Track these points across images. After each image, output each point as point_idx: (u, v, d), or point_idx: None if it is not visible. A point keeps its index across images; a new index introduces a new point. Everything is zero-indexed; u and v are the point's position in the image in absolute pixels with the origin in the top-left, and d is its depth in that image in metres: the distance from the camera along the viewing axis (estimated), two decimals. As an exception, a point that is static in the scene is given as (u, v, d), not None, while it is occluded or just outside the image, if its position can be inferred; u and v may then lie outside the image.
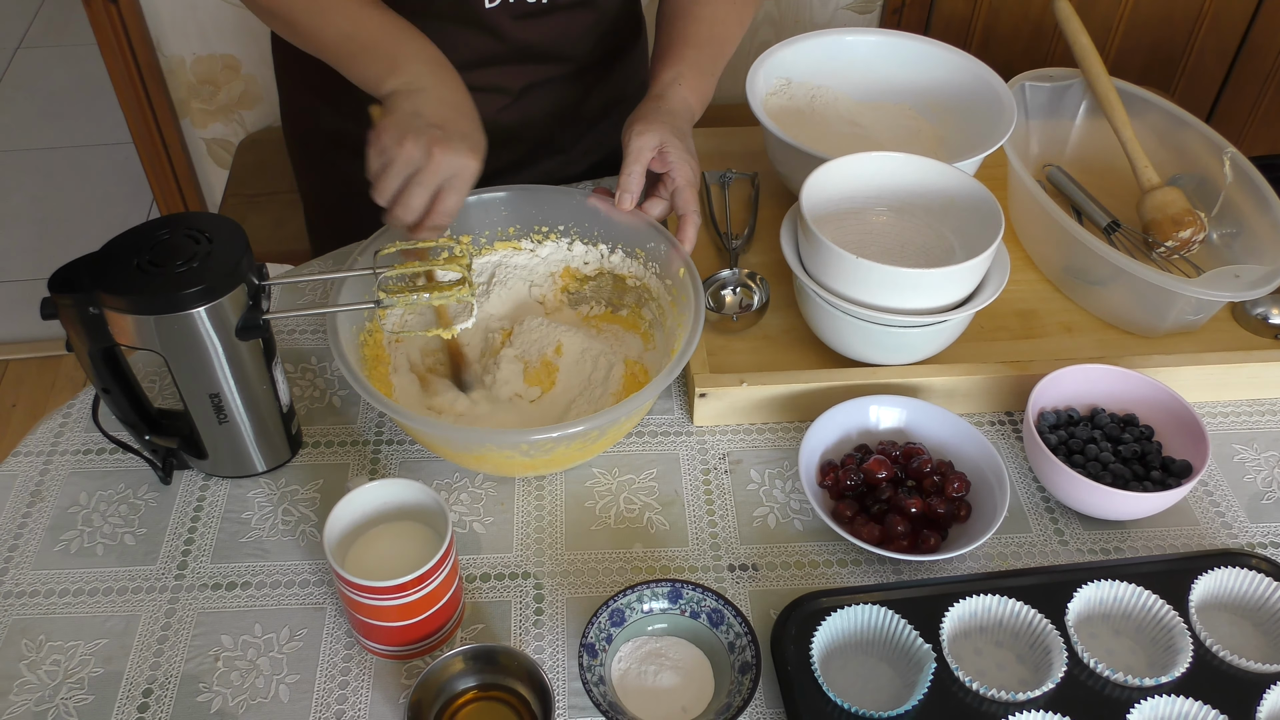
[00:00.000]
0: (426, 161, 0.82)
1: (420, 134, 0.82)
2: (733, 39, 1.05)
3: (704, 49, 1.02)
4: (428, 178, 0.82)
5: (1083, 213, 1.14)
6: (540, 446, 0.82)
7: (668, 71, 0.99)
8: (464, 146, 0.83)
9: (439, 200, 0.84)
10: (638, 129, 0.93)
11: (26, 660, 0.79)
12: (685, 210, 0.93)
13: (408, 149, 0.81)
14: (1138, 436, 0.90)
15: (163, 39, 1.81)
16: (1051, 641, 0.77)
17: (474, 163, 0.84)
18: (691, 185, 0.93)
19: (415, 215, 0.84)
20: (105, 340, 0.81)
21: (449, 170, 0.83)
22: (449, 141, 0.82)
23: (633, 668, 0.77)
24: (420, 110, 0.84)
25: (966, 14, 1.93)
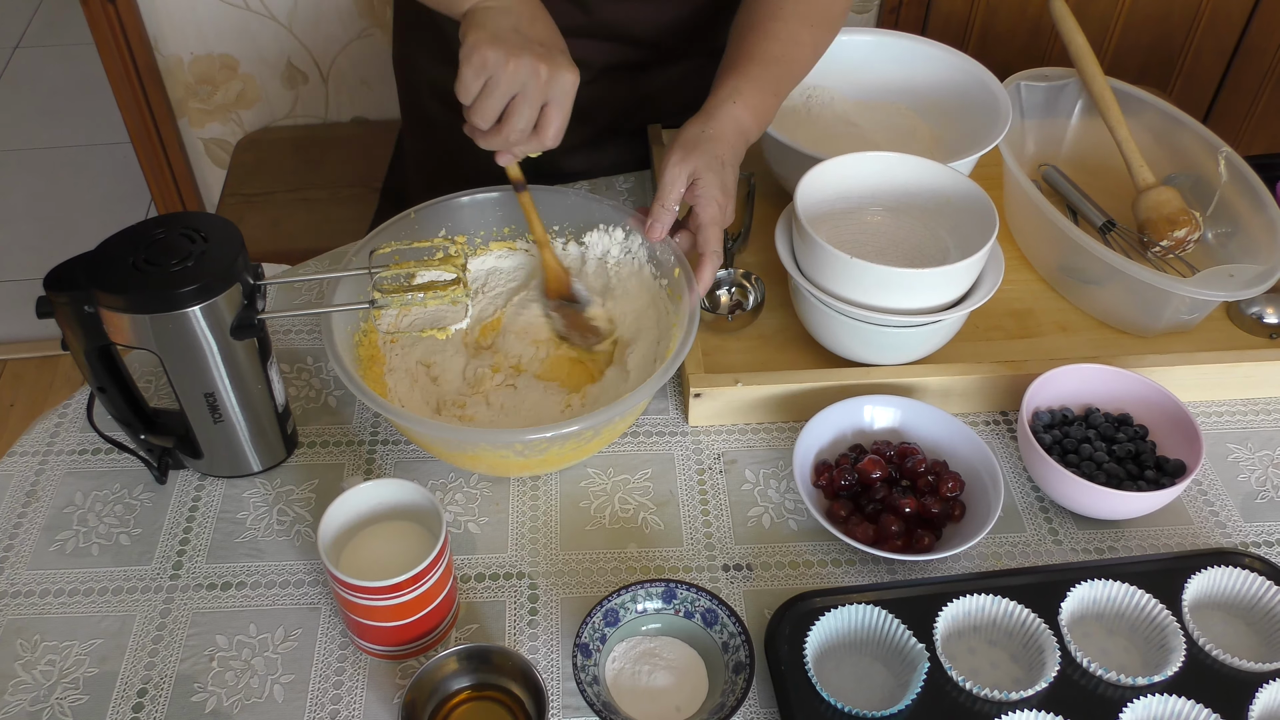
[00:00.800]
0: (534, 80, 0.80)
1: (524, 51, 0.79)
2: (804, 61, 1.01)
3: (770, 67, 0.97)
4: (535, 96, 0.80)
5: (1078, 212, 1.14)
6: (534, 446, 0.82)
7: (726, 85, 0.95)
8: (564, 61, 0.82)
9: (545, 119, 0.82)
10: (675, 157, 0.90)
11: (21, 660, 0.79)
12: (704, 249, 0.90)
13: (513, 68, 0.79)
14: (1132, 436, 0.90)
15: (160, 38, 1.81)
16: (1045, 641, 0.77)
17: (574, 77, 0.82)
18: (715, 223, 0.90)
19: (521, 136, 0.82)
20: (101, 339, 0.81)
21: (554, 87, 0.81)
22: (552, 57, 0.81)
23: (627, 667, 0.77)
24: (518, 26, 0.82)
25: (964, 13, 1.93)
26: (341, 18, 1.83)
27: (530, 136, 0.83)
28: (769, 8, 1.00)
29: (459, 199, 0.98)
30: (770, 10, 1.00)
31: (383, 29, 1.87)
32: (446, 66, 1.15)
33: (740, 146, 0.95)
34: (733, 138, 0.93)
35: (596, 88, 1.15)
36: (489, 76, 0.80)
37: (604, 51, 1.13)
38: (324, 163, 1.86)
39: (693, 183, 0.90)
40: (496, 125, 0.82)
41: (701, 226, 0.91)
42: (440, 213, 0.97)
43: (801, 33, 1.00)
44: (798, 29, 0.99)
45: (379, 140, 1.92)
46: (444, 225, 0.98)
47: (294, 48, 1.87)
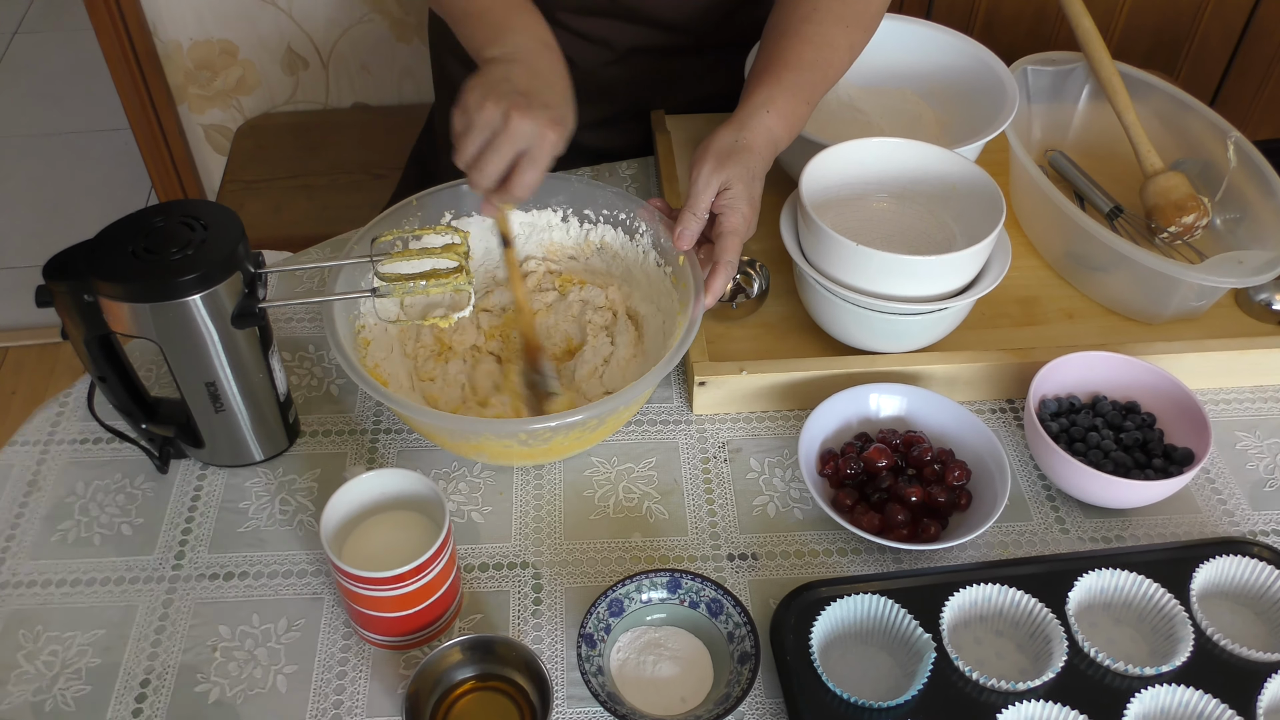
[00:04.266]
0: (504, 126, 0.80)
1: (502, 98, 0.80)
2: (839, 64, 0.99)
3: (804, 72, 0.95)
4: (504, 144, 0.81)
5: (1085, 198, 1.13)
6: (538, 435, 0.81)
7: (759, 93, 0.93)
8: (545, 116, 0.81)
9: (516, 171, 0.82)
10: (709, 166, 0.89)
11: (24, 651, 0.78)
12: (720, 258, 0.88)
13: (488, 111, 0.80)
14: (1139, 424, 0.90)
15: (159, 23, 1.80)
16: (1052, 630, 0.76)
17: (553, 134, 0.82)
18: (736, 234, 0.89)
19: (490, 181, 0.82)
20: (100, 328, 0.80)
21: (526, 138, 0.81)
22: (530, 109, 0.81)
23: (631, 658, 0.77)
24: (510, 76, 0.83)
25: (969, -4, 1.91)
26: (342, 3, 1.82)
27: (501, 187, 0.83)
28: (803, 9, 0.98)
29: (462, 185, 0.97)
30: (804, 12, 0.98)
31: (383, 14, 1.86)
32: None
33: (770, 157, 0.93)
34: (764, 148, 0.92)
35: (619, 68, 1.16)
36: (467, 120, 0.81)
37: (628, 33, 1.13)
38: (325, 149, 1.85)
39: (722, 191, 0.89)
40: (472, 168, 0.83)
41: (722, 235, 0.89)
42: (443, 199, 0.97)
43: (837, 35, 0.98)
44: (832, 31, 0.98)
45: (380, 126, 1.91)
46: (447, 211, 0.97)
47: (294, 33, 1.85)
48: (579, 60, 1.16)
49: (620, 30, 1.13)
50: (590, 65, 1.16)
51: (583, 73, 1.15)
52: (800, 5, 0.98)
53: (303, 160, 1.83)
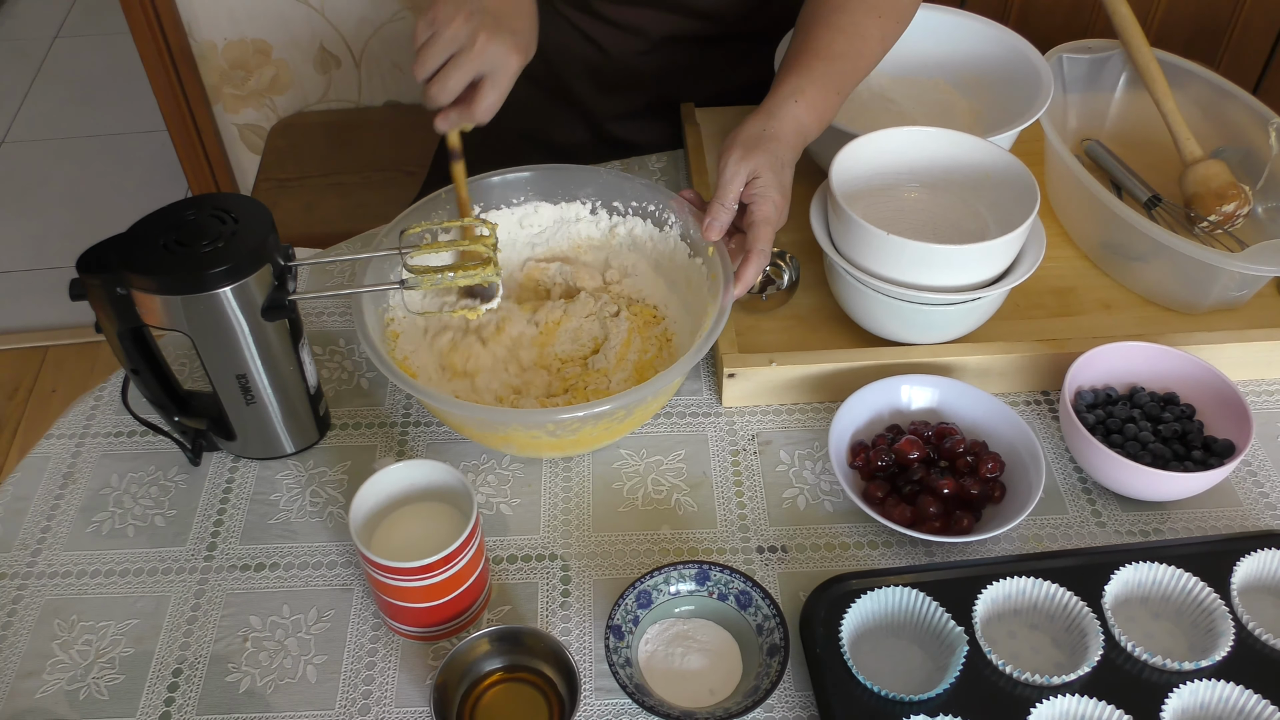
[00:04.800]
0: (469, 44, 0.81)
1: (472, 15, 0.81)
2: (871, 55, 0.97)
3: (835, 62, 0.94)
4: (468, 62, 0.81)
5: (1122, 187, 1.11)
6: (566, 426, 0.81)
7: (789, 83, 0.93)
8: (511, 41, 0.82)
9: (479, 92, 0.83)
10: (736, 154, 0.88)
11: (59, 640, 0.79)
12: (752, 247, 0.87)
13: (455, 26, 0.81)
14: (1178, 415, 0.88)
15: (194, 24, 1.82)
16: (1088, 624, 0.75)
17: (515, 58, 0.83)
18: (768, 222, 0.88)
19: (449, 97, 0.83)
20: (133, 320, 0.81)
21: (490, 60, 0.82)
22: (497, 32, 0.81)
23: (660, 650, 0.76)
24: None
25: (1004, -14, 1.88)
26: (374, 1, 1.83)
27: (463, 106, 0.84)
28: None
29: (490, 178, 0.97)
30: (837, 1, 0.97)
31: (414, 11, 1.86)
32: None
33: (799, 146, 0.92)
34: (793, 137, 0.91)
35: (653, 57, 1.16)
36: (434, 31, 0.81)
37: (662, 22, 1.13)
38: (357, 147, 1.86)
39: (751, 180, 0.88)
40: (431, 81, 0.83)
41: (754, 224, 0.88)
42: (472, 192, 0.97)
43: (869, 25, 0.96)
44: (864, 20, 0.96)
45: (411, 124, 1.91)
46: (476, 204, 0.97)
47: (327, 32, 1.87)
48: (613, 50, 1.16)
49: (655, 19, 1.13)
50: (624, 55, 1.16)
51: (616, 63, 1.16)
52: None
53: (335, 158, 1.84)
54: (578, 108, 1.22)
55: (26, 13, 3.24)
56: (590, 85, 1.20)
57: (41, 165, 2.69)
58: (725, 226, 0.89)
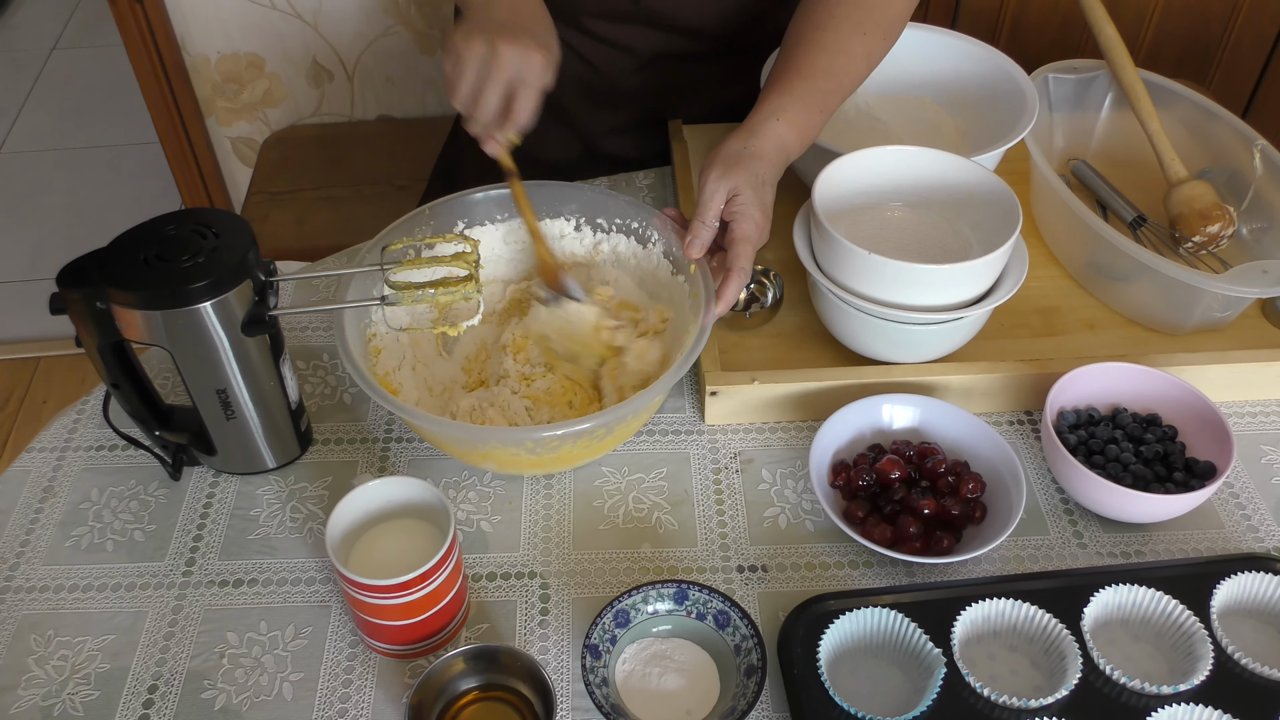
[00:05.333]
0: (492, 56, 0.82)
1: (485, 31, 0.83)
2: (856, 73, 0.97)
3: (818, 80, 0.94)
4: (497, 71, 0.83)
5: (1108, 207, 1.11)
6: (545, 444, 0.81)
7: (771, 102, 0.93)
8: (529, 41, 0.84)
9: (514, 100, 0.84)
10: (715, 172, 0.89)
11: (35, 655, 0.79)
12: (733, 265, 0.87)
13: (474, 47, 0.83)
14: (1160, 437, 0.88)
15: (187, 37, 1.82)
16: (1066, 647, 0.75)
17: (539, 55, 0.84)
18: (749, 240, 0.88)
19: (491, 113, 0.84)
20: (113, 335, 0.81)
21: (515, 64, 0.83)
22: (514, 36, 0.83)
23: (637, 669, 0.76)
24: (490, 14, 0.86)
25: (994, 6, 1.89)
26: (367, 16, 1.83)
27: (504, 119, 0.85)
28: (820, 16, 0.97)
29: (473, 194, 0.97)
30: (821, 19, 0.97)
31: (407, 27, 1.87)
32: None
33: (781, 165, 0.93)
34: (774, 155, 0.91)
35: (643, 74, 1.16)
36: (456, 59, 0.83)
37: (650, 39, 1.14)
38: (349, 160, 1.87)
39: (731, 198, 0.88)
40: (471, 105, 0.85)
41: (734, 242, 0.88)
42: (456, 208, 0.97)
43: (853, 42, 0.96)
44: (849, 38, 0.96)
45: (404, 138, 1.92)
46: (459, 220, 0.97)
47: (320, 46, 1.87)
48: (602, 67, 1.16)
49: (644, 36, 1.13)
50: (613, 72, 1.16)
51: (605, 79, 1.16)
52: (817, 12, 0.97)
53: (327, 172, 1.84)
54: (568, 123, 1.23)
55: (24, 24, 3.25)
56: (581, 101, 1.21)
57: (37, 176, 2.70)
58: (706, 244, 0.89)
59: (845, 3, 0.96)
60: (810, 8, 0.98)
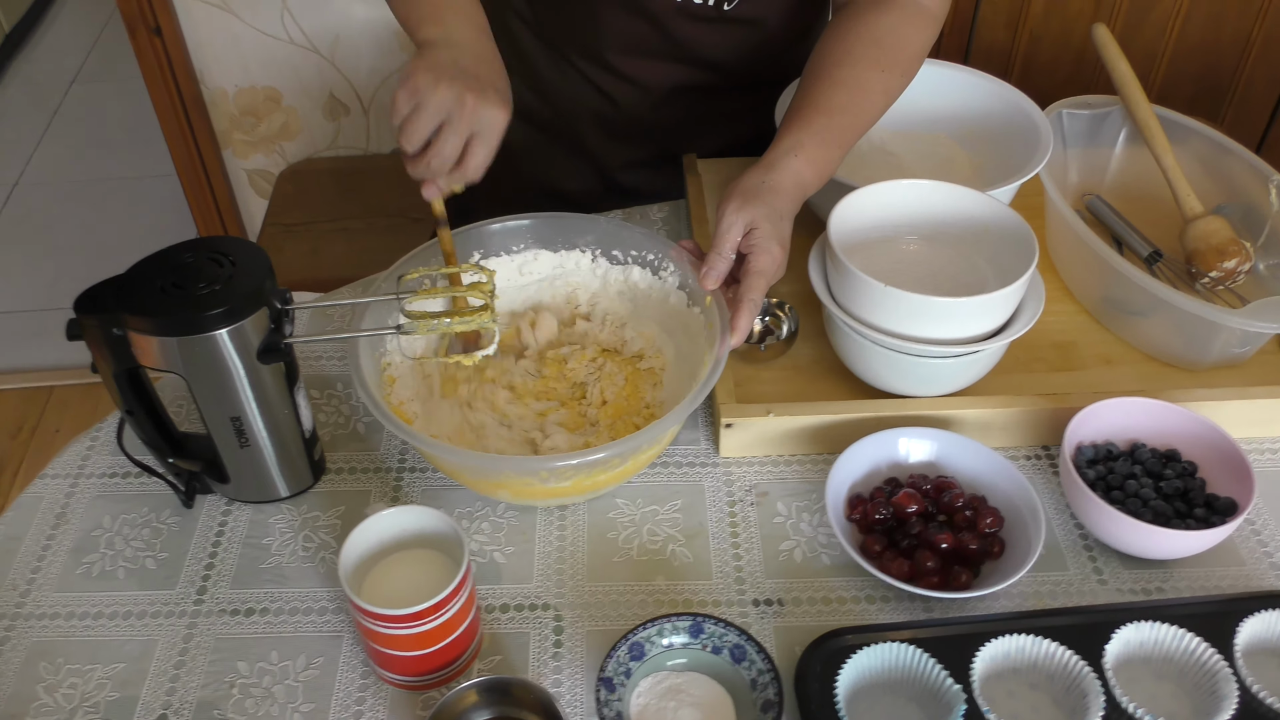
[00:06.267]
0: (459, 109, 0.81)
1: (455, 80, 0.81)
2: (874, 109, 0.97)
3: (835, 116, 0.94)
4: (461, 124, 0.81)
5: (1123, 243, 1.11)
6: (559, 473, 0.80)
7: (789, 137, 0.93)
8: (496, 98, 0.83)
9: (469, 152, 0.83)
10: (734, 205, 0.88)
11: (44, 683, 0.78)
12: (744, 296, 0.87)
13: (441, 93, 0.80)
14: (1180, 473, 0.87)
15: (206, 71, 1.85)
16: (1088, 685, 0.74)
17: (504, 114, 0.83)
18: (764, 274, 0.87)
19: (447, 163, 0.83)
20: (129, 361, 0.81)
21: (481, 120, 0.82)
22: (483, 91, 0.82)
23: (652, 703, 0.75)
24: (457, 60, 0.84)
25: (1006, 44, 1.91)
26: (382, 50, 1.86)
27: (454, 168, 0.83)
28: (838, 53, 0.98)
29: (490, 225, 0.97)
30: (838, 56, 0.98)
31: (423, 61, 1.89)
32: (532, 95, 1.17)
33: (798, 200, 0.92)
34: (792, 190, 0.91)
35: (662, 109, 1.17)
36: (418, 101, 0.81)
37: (671, 73, 1.15)
38: (363, 193, 1.88)
39: (749, 231, 0.88)
40: (422, 152, 0.83)
41: (749, 274, 0.88)
42: (470, 239, 0.97)
43: (871, 79, 0.97)
44: (867, 74, 0.97)
45: (419, 173, 1.93)
46: (475, 251, 0.98)
47: (336, 80, 1.89)
48: (623, 101, 1.17)
49: (663, 70, 1.14)
50: (634, 106, 1.17)
51: (626, 113, 1.17)
52: (834, 49, 0.98)
53: (342, 204, 1.85)
54: (587, 157, 1.23)
55: (44, 58, 3.29)
56: (600, 135, 1.21)
57: (54, 208, 2.72)
58: (722, 275, 0.89)
59: (863, 40, 0.97)
60: (828, 44, 0.99)
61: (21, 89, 3.16)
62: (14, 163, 2.87)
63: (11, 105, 3.10)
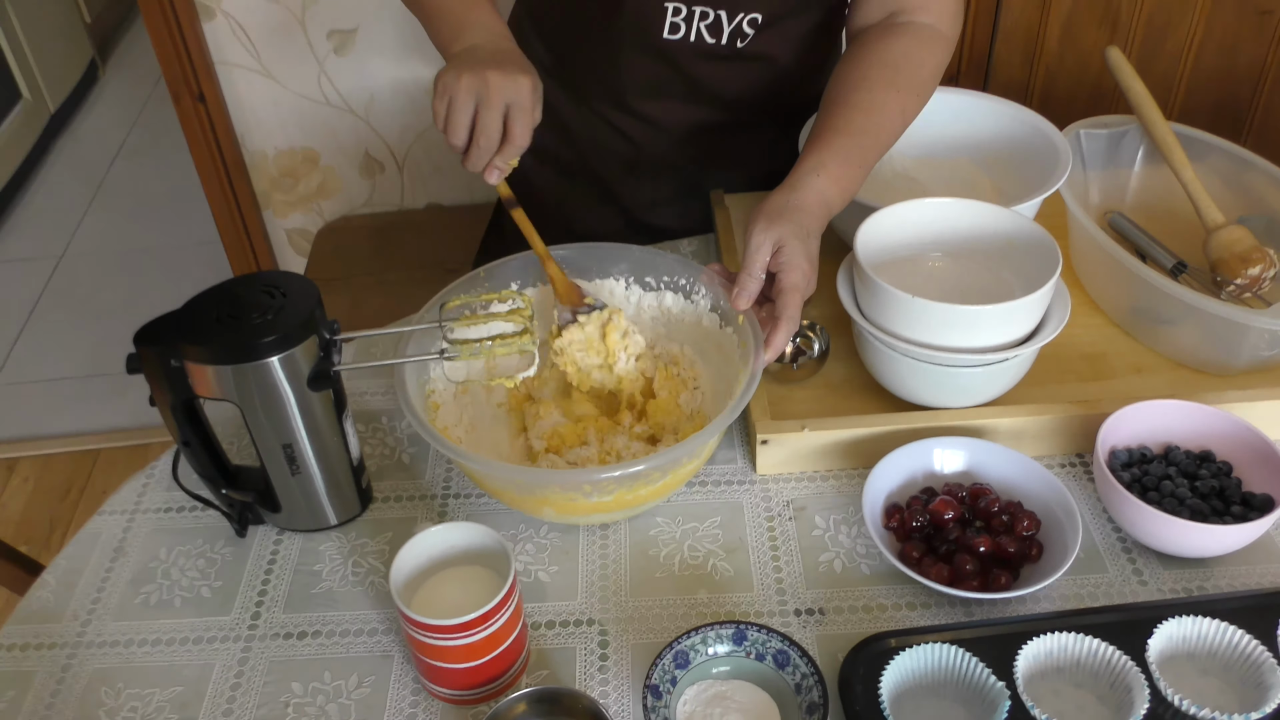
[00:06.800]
0: (485, 88, 0.87)
1: (475, 66, 0.88)
2: (891, 129, 1.01)
3: (856, 138, 0.98)
4: (494, 99, 0.87)
5: (1147, 256, 1.12)
6: (602, 486, 0.82)
7: (811, 158, 0.96)
8: (515, 69, 0.89)
9: (509, 122, 0.88)
10: (760, 225, 0.91)
11: (105, 707, 0.81)
12: (781, 314, 0.89)
13: (465, 81, 0.87)
14: (1215, 472, 0.88)
15: (247, 135, 1.92)
16: (1133, 680, 0.74)
17: (527, 79, 0.88)
18: (797, 289, 0.89)
19: (494, 141, 0.88)
20: (185, 392, 0.84)
21: (508, 90, 0.87)
22: (500, 65, 0.88)
23: (698, 710, 0.76)
24: (475, 54, 0.91)
25: (1023, 77, 1.94)
26: (415, 108, 1.92)
27: (503, 144, 0.89)
28: (854, 78, 1.02)
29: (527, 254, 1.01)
30: (855, 81, 1.01)
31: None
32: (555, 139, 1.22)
33: (824, 218, 0.95)
34: (817, 208, 0.94)
35: (683, 147, 1.20)
36: (449, 97, 0.87)
37: (690, 113, 1.18)
38: (400, 247, 1.93)
39: (777, 250, 0.90)
40: (471, 141, 0.88)
41: (782, 292, 0.90)
42: (509, 270, 1.01)
43: (888, 100, 1.00)
44: (883, 96, 1.00)
45: (452, 224, 1.98)
46: (513, 281, 1.01)
47: (371, 139, 1.96)
48: (644, 143, 1.20)
49: (685, 111, 1.18)
50: (655, 146, 1.20)
51: (647, 155, 1.20)
52: (851, 74, 1.01)
53: (378, 258, 1.90)
54: (611, 199, 1.27)
55: (88, 136, 3.41)
56: (624, 177, 1.25)
57: (99, 277, 2.80)
58: (754, 295, 0.91)
59: (877, 64, 1.00)
60: (844, 71, 1.02)
61: (67, 165, 3.27)
62: (61, 236, 2.97)
63: (58, 181, 3.21)
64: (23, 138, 3.13)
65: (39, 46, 3.18)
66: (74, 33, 3.51)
